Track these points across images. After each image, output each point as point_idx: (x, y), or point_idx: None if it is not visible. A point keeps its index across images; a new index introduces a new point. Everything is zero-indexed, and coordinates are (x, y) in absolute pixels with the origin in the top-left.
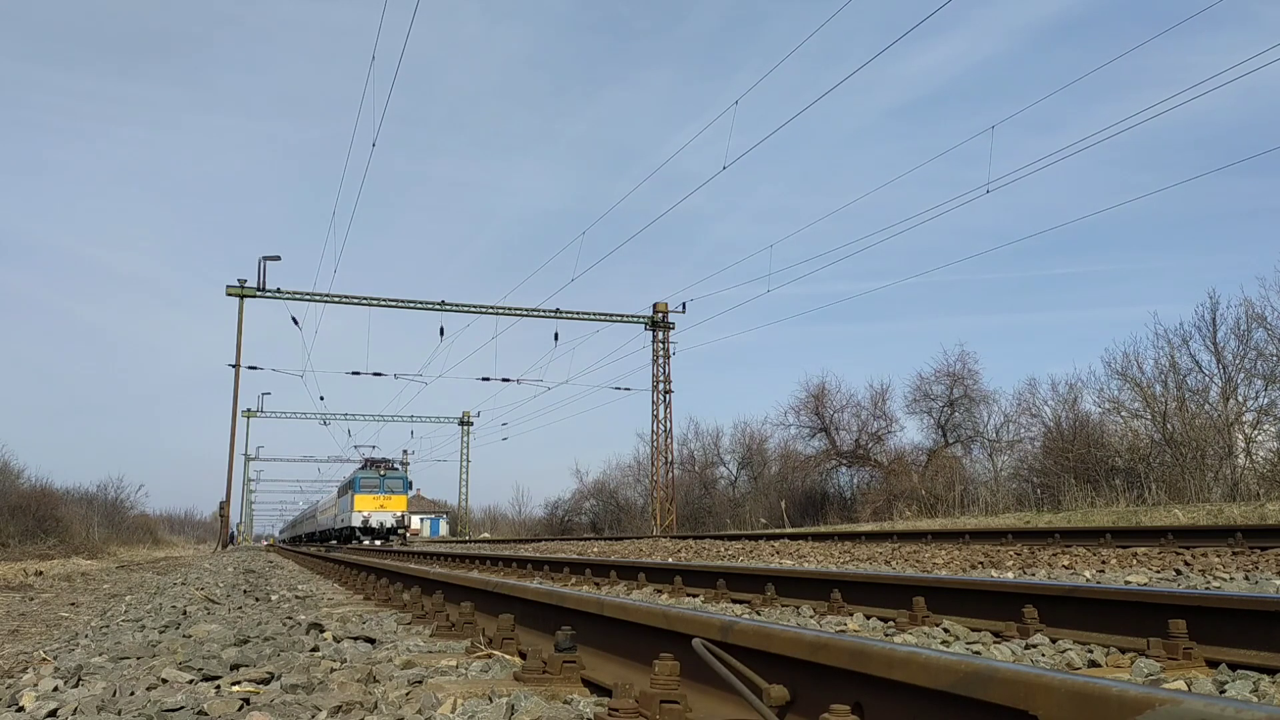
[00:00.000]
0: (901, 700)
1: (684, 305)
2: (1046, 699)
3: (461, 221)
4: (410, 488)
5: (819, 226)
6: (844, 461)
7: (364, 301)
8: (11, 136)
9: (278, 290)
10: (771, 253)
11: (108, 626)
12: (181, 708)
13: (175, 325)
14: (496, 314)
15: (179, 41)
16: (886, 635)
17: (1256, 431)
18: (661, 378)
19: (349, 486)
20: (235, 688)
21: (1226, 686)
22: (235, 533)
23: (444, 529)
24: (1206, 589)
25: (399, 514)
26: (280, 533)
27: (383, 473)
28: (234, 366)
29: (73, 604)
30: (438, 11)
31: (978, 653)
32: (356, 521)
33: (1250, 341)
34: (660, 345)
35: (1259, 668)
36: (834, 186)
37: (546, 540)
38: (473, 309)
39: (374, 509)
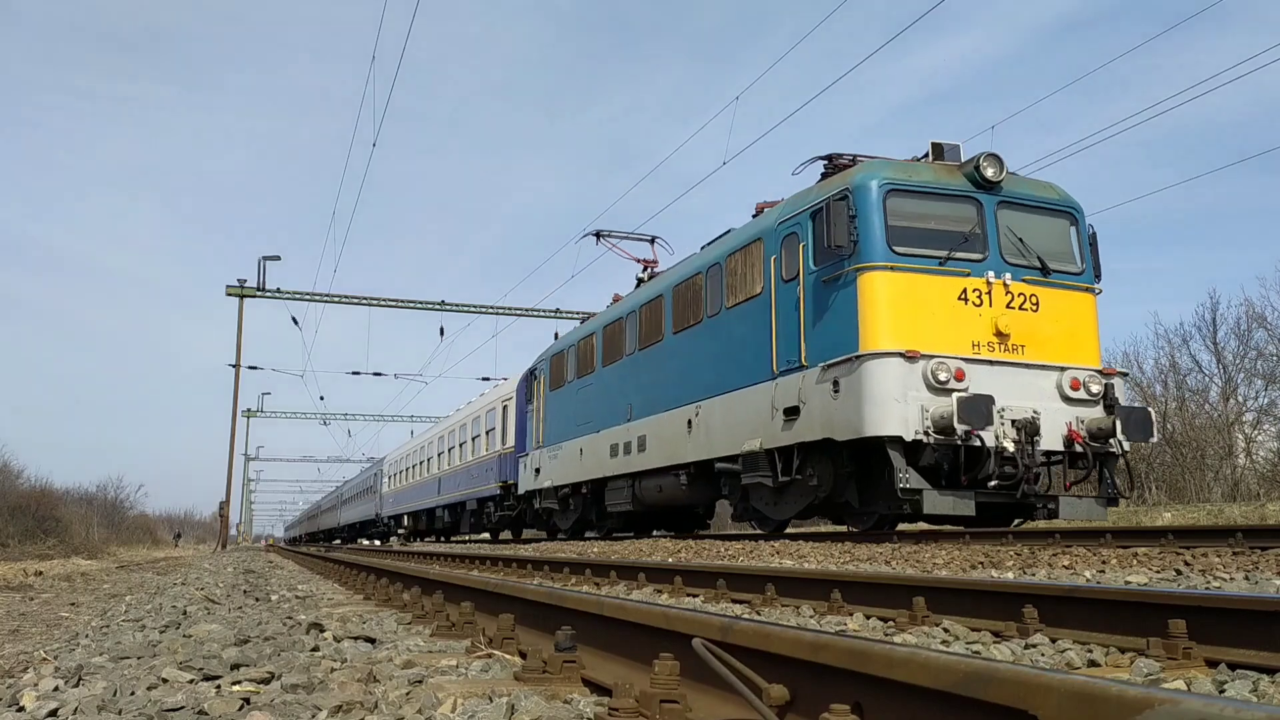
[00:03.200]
0: (902, 700)
1: None
2: (1046, 699)
3: (462, 221)
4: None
5: None
6: None
7: (364, 301)
8: (12, 136)
9: (278, 290)
10: None
11: (108, 626)
12: (182, 707)
13: (175, 325)
14: (496, 313)
15: (179, 40)
16: (886, 635)
17: (1256, 431)
18: None
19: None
20: (235, 687)
21: (1226, 686)
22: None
23: None
24: (1206, 589)
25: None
26: (287, 529)
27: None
28: (234, 366)
29: (73, 604)
30: (439, 10)
31: (977, 653)
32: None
33: (1250, 341)
34: None
35: (1259, 667)
36: None
37: (546, 540)
38: (473, 309)
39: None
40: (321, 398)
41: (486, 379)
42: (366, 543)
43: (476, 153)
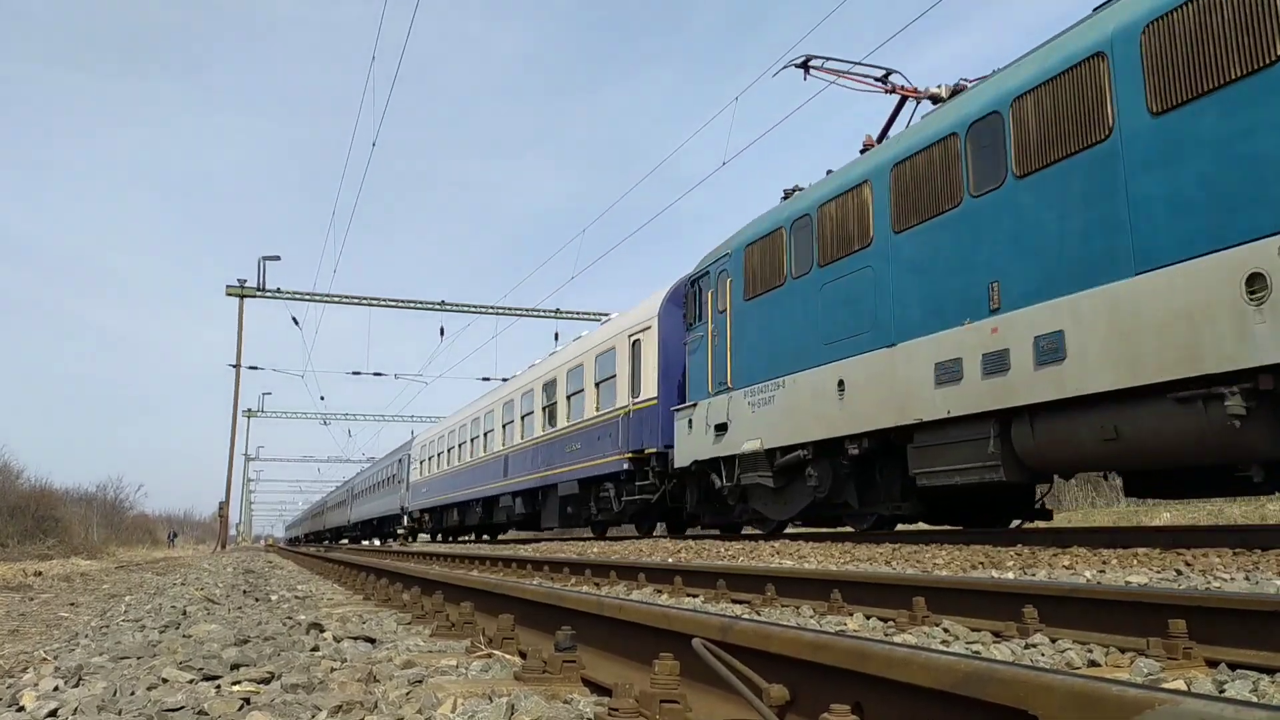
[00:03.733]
0: (902, 700)
1: None
2: (1047, 699)
3: (462, 221)
4: None
5: None
6: None
7: (364, 301)
8: (12, 136)
9: (278, 290)
10: None
11: (107, 626)
12: (182, 707)
13: (175, 325)
14: (496, 314)
15: (180, 40)
16: (886, 635)
17: None
18: None
19: None
20: (235, 687)
21: (1226, 686)
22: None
23: None
24: (1207, 589)
25: None
26: (288, 529)
27: None
28: (234, 366)
29: (72, 604)
30: (439, 10)
31: (978, 653)
32: None
33: None
34: None
35: (1259, 667)
36: None
37: (547, 540)
38: (473, 309)
39: None
40: (322, 398)
41: (487, 379)
42: (366, 543)
43: (477, 153)
